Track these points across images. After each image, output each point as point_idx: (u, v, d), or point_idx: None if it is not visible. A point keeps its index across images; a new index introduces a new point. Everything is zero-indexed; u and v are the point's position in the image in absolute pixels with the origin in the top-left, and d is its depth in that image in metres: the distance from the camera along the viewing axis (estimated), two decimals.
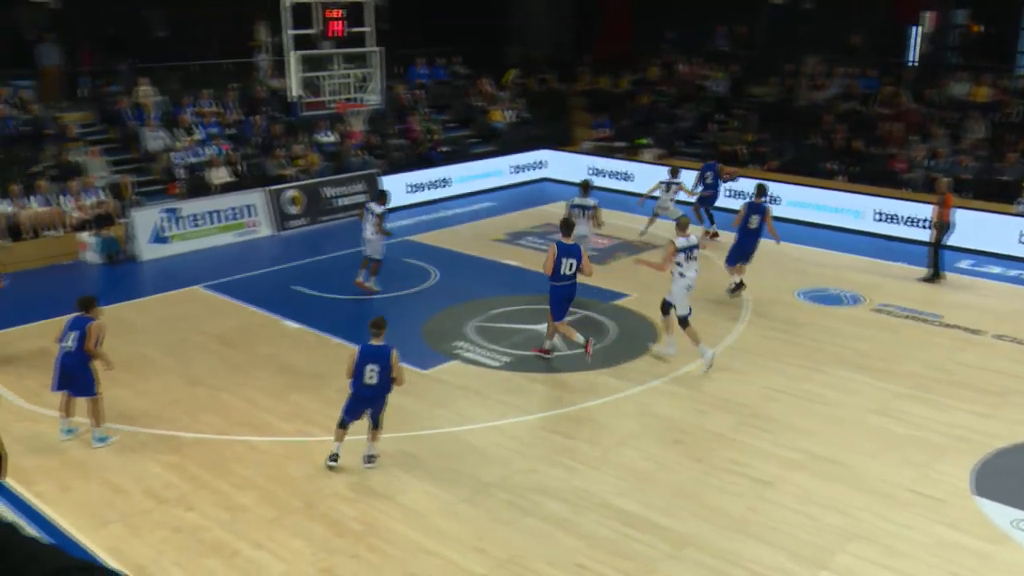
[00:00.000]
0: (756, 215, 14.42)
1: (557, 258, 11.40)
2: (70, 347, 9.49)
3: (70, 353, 9.50)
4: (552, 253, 11.51)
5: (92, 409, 9.68)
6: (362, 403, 9.08)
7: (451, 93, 25.91)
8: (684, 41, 27.24)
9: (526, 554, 7.79)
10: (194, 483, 8.99)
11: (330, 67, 16.27)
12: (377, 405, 9.13)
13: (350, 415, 9.13)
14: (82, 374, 9.56)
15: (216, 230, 18.09)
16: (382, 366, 8.87)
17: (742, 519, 8.35)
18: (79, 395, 9.70)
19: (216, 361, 12.13)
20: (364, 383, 8.91)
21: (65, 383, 9.63)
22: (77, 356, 9.48)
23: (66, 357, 9.52)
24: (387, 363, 8.88)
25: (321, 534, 8.09)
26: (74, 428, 9.94)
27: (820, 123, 22.48)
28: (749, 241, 14.53)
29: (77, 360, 9.49)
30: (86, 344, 9.45)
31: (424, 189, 21.72)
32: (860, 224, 19.06)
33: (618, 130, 25.40)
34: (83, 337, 9.44)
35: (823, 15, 25.38)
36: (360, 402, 9.08)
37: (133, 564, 7.54)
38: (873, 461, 9.45)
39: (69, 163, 18.01)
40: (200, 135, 19.97)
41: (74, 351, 9.48)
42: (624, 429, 10.17)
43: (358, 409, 9.12)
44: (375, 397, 9.04)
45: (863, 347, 12.61)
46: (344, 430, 9.15)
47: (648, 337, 12.91)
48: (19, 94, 19.32)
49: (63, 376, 9.59)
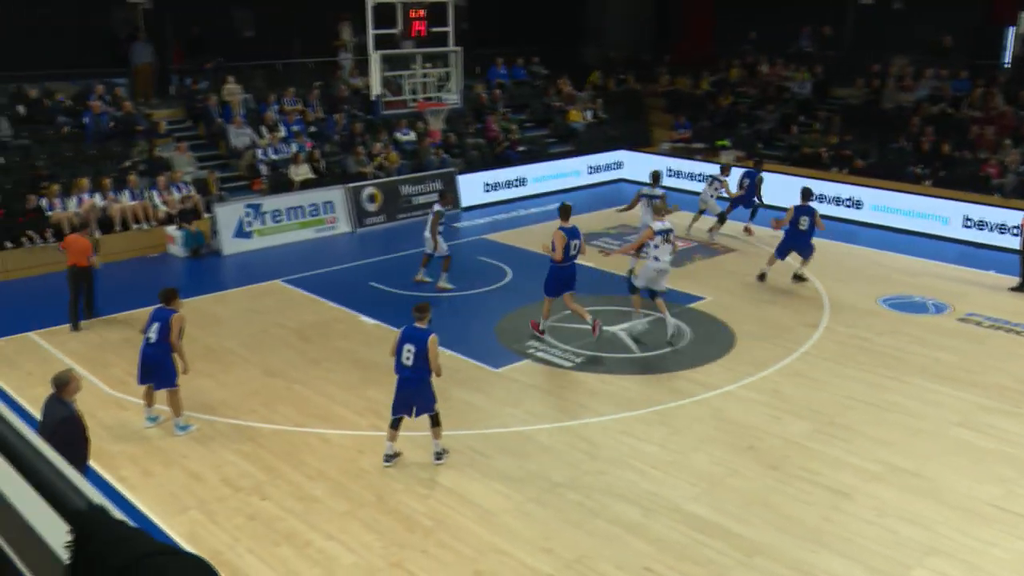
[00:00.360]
0: (805, 216, 15.03)
1: (566, 243, 12.15)
2: (152, 338, 9.80)
3: (151, 344, 9.81)
4: (560, 239, 12.17)
5: (171, 400, 9.99)
6: (403, 390, 9.12)
7: (529, 93, 25.95)
8: (767, 42, 26.78)
9: (594, 556, 7.76)
10: (269, 473, 9.19)
11: (411, 66, 16.45)
12: (420, 398, 9.14)
13: (396, 409, 9.19)
14: (163, 365, 9.86)
15: (296, 226, 18.46)
16: (418, 349, 8.96)
17: (816, 529, 8.17)
18: (160, 387, 10.01)
19: (294, 354, 12.38)
20: (402, 363, 9.04)
21: (147, 375, 9.96)
22: (159, 347, 9.78)
23: (148, 348, 9.84)
24: (423, 347, 8.94)
25: (391, 528, 8.19)
26: (156, 416, 10.26)
27: (907, 126, 21.85)
28: (800, 240, 15.12)
29: (159, 351, 9.80)
30: (170, 336, 9.76)
31: (500, 188, 21.79)
32: (947, 231, 18.47)
33: (697, 131, 25.11)
34: (164, 329, 9.74)
35: (912, 15, 24.67)
36: (402, 388, 9.13)
37: (210, 550, 7.75)
38: (956, 475, 9.15)
39: (158, 159, 18.60)
40: (283, 132, 20.41)
41: (155, 342, 9.79)
42: (697, 433, 10.05)
43: (402, 398, 9.16)
44: (412, 381, 9.04)
45: (947, 357, 12.22)
46: (395, 430, 9.24)
47: (724, 340, 12.74)
48: (114, 91, 20.03)
49: (144, 367, 9.91)
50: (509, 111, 24.64)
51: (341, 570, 7.59)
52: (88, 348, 12.57)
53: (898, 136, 21.81)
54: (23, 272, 15.80)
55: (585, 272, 16.02)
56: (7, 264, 15.69)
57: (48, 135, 18.40)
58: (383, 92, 16.31)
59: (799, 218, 15.01)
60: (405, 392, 9.15)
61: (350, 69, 23.32)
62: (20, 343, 12.71)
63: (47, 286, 15.44)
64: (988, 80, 22.34)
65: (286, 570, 7.59)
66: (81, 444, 7.47)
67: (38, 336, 12.97)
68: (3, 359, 12.13)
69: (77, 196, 16.63)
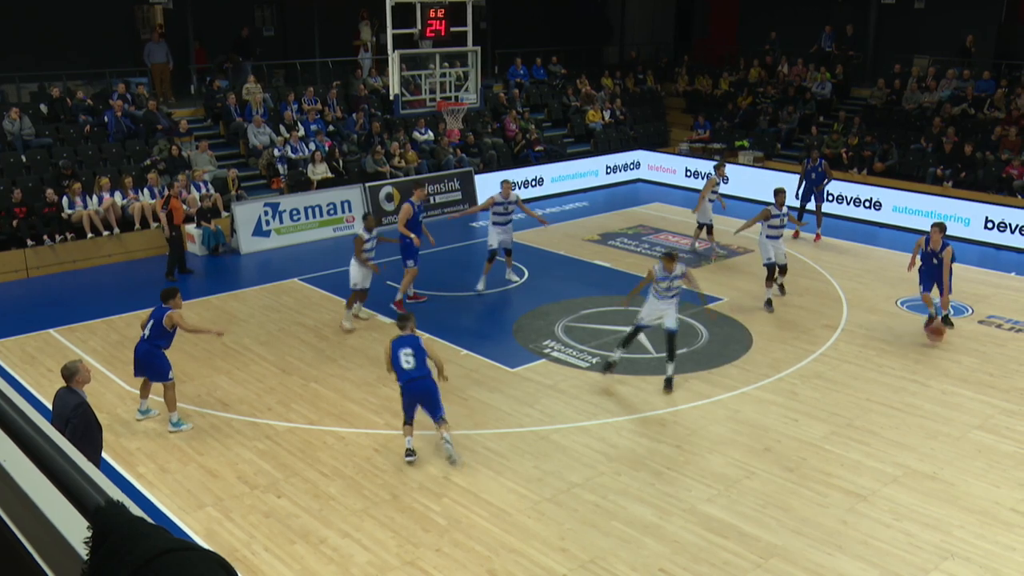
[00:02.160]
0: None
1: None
2: (145, 335, 10.06)
3: (144, 340, 10.06)
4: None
5: (166, 395, 10.15)
6: (411, 394, 9.23)
7: (548, 93, 25.94)
8: (788, 41, 26.65)
9: (609, 556, 7.76)
10: (285, 470, 9.24)
11: (430, 66, 16.48)
12: (428, 398, 9.22)
13: (407, 411, 9.32)
14: (153, 360, 10.05)
15: (315, 225, 18.54)
16: (415, 349, 9.16)
17: (833, 532, 8.13)
18: (154, 380, 10.19)
19: (310, 352, 12.44)
20: (404, 369, 9.14)
21: (140, 369, 10.17)
22: (150, 344, 10.00)
23: (140, 344, 10.11)
24: (419, 345, 9.19)
25: (406, 527, 8.21)
26: (149, 410, 10.43)
27: (929, 126, 21.69)
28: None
29: (148, 347, 10.02)
30: (163, 332, 9.96)
31: (518, 188, 21.78)
32: (969, 232, 18.30)
33: (716, 132, 25.02)
34: (158, 327, 9.97)
35: (935, 15, 24.49)
36: (409, 393, 9.24)
37: (226, 546, 7.80)
38: (975, 479, 9.08)
39: (179, 157, 18.71)
40: (302, 131, 20.49)
41: (147, 339, 10.02)
42: (713, 435, 10.02)
43: (411, 403, 9.28)
44: (418, 381, 9.15)
45: (968, 360, 12.12)
46: (410, 426, 9.32)
47: (740, 341, 12.69)
48: (138, 89, 20.19)
49: (136, 362, 10.15)
50: (528, 111, 24.64)
51: (356, 568, 7.62)
52: (107, 345, 12.67)
53: (919, 137, 21.65)
54: (45, 270, 15.95)
55: (600, 272, 16.01)
56: (29, 262, 15.85)
57: (70, 134, 18.56)
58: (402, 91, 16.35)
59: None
60: (413, 396, 9.26)
61: (369, 69, 23.39)
62: (41, 340, 12.83)
63: (68, 284, 15.60)
64: (1012, 80, 22.15)
65: (301, 567, 7.63)
66: (95, 430, 7.66)
67: (58, 333, 13.09)
68: (24, 356, 12.26)
69: (98, 194, 16.76)
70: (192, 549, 1.26)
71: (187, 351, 12.26)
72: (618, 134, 24.91)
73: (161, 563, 1.22)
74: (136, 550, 1.24)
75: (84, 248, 16.39)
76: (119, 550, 1.27)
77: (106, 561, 1.27)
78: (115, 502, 1.41)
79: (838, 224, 19.16)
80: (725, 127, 25.06)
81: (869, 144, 22.00)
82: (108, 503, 1.41)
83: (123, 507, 1.38)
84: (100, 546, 1.31)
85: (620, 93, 26.39)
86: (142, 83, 20.74)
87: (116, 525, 1.32)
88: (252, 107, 20.40)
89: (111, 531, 1.31)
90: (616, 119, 25.40)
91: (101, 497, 1.48)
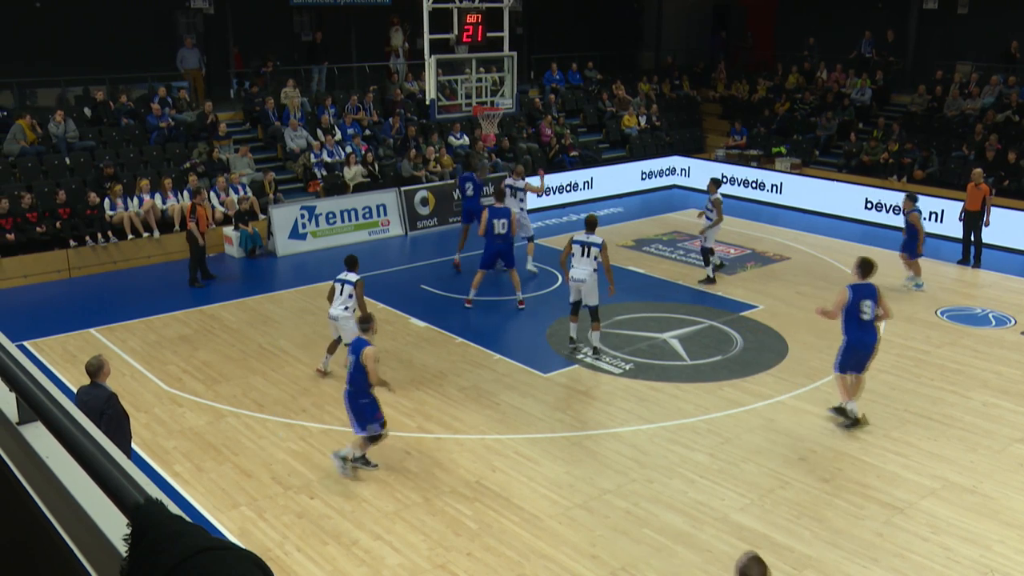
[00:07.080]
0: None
1: (488, 220, 14.06)
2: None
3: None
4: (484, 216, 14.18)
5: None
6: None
7: (584, 98, 25.92)
8: (826, 47, 26.39)
9: (640, 564, 7.72)
10: (318, 472, 9.30)
11: (465, 71, 16.54)
12: (351, 411, 9.18)
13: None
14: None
15: (350, 228, 18.67)
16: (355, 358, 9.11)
17: (869, 544, 8.02)
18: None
19: (344, 355, 12.49)
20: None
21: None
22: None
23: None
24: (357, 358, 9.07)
25: (437, 530, 8.23)
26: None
27: (971, 133, 21.36)
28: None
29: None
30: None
31: (553, 193, 21.78)
32: (1012, 241, 17.97)
33: (753, 138, 24.84)
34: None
35: (978, 20, 24.12)
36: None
37: (259, 546, 7.87)
38: (1016, 492, 8.91)
39: (217, 160, 18.94)
40: (339, 135, 20.65)
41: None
42: (747, 443, 9.94)
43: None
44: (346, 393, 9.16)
45: (1009, 372, 11.91)
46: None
47: (776, 349, 12.57)
48: (179, 93, 20.48)
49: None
50: (564, 116, 24.63)
51: (387, 570, 7.65)
52: (146, 345, 12.84)
53: (961, 144, 21.33)
54: (86, 270, 16.22)
55: (634, 278, 15.95)
56: (72, 262, 16.13)
57: (112, 137, 18.86)
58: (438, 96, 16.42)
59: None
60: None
61: (404, 73, 23.53)
62: (82, 339, 13.03)
63: (108, 284, 15.84)
64: None
65: (333, 568, 7.67)
66: (126, 421, 7.85)
67: (99, 333, 13.29)
68: (66, 355, 12.46)
69: (138, 196, 17.02)
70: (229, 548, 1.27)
71: (223, 352, 12.39)
72: (653, 139, 24.81)
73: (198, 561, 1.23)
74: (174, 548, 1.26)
75: (124, 249, 16.65)
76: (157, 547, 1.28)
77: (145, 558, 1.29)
78: (154, 500, 1.43)
79: (876, 232, 18.93)
80: (762, 133, 24.87)
81: (909, 151, 21.71)
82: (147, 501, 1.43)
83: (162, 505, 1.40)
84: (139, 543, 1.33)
85: (656, 98, 26.30)
86: (183, 87, 21.03)
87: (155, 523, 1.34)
88: (290, 111, 20.60)
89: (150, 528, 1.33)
90: (652, 124, 25.31)
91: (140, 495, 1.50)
